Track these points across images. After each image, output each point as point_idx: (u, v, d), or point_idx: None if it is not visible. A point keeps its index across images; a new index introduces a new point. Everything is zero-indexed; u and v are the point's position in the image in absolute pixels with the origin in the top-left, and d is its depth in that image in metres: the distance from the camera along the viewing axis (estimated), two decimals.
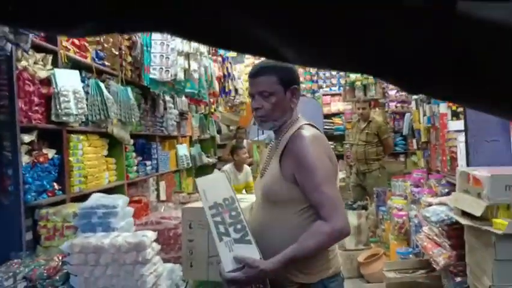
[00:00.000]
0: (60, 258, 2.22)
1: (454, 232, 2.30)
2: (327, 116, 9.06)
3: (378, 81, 7.33)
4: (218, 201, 1.38)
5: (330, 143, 9.12)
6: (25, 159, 2.47)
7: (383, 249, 3.62)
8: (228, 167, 4.66)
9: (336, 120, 9.02)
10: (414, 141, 5.08)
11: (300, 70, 7.40)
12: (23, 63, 2.53)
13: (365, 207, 4.25)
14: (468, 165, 2.40)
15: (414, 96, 4.59)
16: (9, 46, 2.04)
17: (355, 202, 4.45)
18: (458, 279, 2.30)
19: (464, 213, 2.10)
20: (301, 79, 7.60)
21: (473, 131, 2.31)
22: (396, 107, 6.72)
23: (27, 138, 2.48)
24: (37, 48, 2.68)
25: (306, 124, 1.47)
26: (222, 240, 1.29)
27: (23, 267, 2.11)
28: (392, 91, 6.71)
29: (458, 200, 2.19)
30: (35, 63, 2.65)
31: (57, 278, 2.14)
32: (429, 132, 3.82)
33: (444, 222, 2.36)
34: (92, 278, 2.10)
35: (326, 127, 9.00)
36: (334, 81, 7.61)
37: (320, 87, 7.70)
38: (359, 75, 7.26)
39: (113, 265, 2.10)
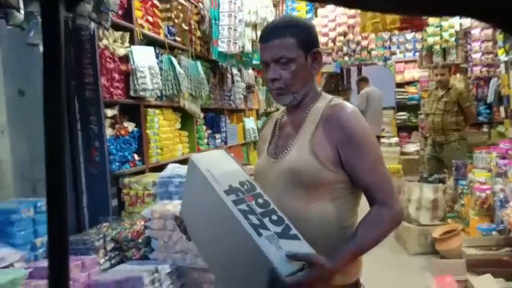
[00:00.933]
0: (142, 223, 2.41)
1: None
2: (400, 85, 8.53)
3: (460, 44, 6.70)
4: (234, 185, 1.03)
5: (403, 113, 8.71)
6: (109, 132, 2.67)
7: (462, 225, 3.40)
8: None
9: (410, 88, 8.46)
10: (501, 109, 4.59)
11: (371, 36, 6.97)
12: (104, 41, 2.70)
13: (442, 181, 3.99)
14: None
15: (505, 58, 4.10)
16: (92, 25, 2.18)
17: (431, 175, 4.19)
18: None
19: None
20: (372, 45, 7.22)
21: None
22: (481, 72, 6.09)
23: (110, 112, 2.68)
24: (115, 27, 2.83)
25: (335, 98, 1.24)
26: (261, 235, 0.93)
27: (111, 230, 2.34)
28: (477, 54, 6.07)
29: None
30: (114, 41, 2.81)
31: (140, 240, 2.34)
32: None
33: None
34: (171, 242, 2.26)
35: (398, 96, 8.51)
36: (409, 46, 7.06)
37: (393, 53, 7.20)
38: (437, 39, 6.69)
39: None
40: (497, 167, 3.15)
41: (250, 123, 5.69)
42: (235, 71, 5.01)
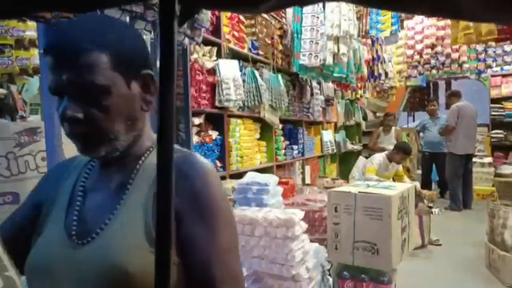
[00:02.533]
0: None
1: None
2: (496, 100, 7.77)
3: None
4: None
5: (499, 131, 7.94)
6: (195, 139, 2.87)
7: None
8: (380, 157, 4.64)
9: (508, 104, 7.66)
10: None
11: (463, 48, 6.50)
12: (194, 55, 2.92)
13: None
14: None
15: None
16: (186, 41, 2.38)
17: None
18: None
19: None
20: (464, 58, 6.72)
21: None
22: None
23: (196, 121, 2.87)
24: (204, 42, 3.05)
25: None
26: None
27: None
28: None
29: None
30: (203, 55, 3.03)
31: None
32: None
33: None
34: (248, 246, 2.33)
35: (493, 113, 7.76)
36: (508, 58, 6.43)
37: (489, 66, 6.61)
38: None
39: (266, 237, 2.29)
40: None
41: (328, 136, 5.64)
42: (314, 83, 5.03)
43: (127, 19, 2.06)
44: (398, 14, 4.12)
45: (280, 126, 4.19)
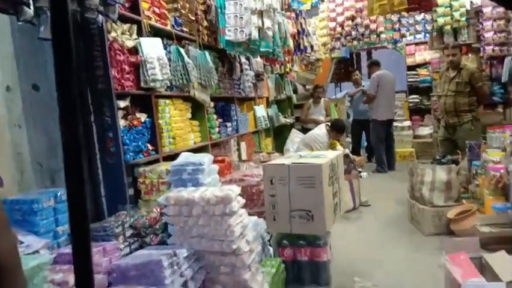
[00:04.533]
0: (158, 210, 2.48)
1: None
2: (411, 68, 8.41)
3: (471, 23, 6.55)
4: None
5: (415, 96, 8.64)
6: (122, 123, 2.73)
7: (476, 206, 3.39)
8: (325, 136, 4.78)
9: (422, 71, 8.34)
10: None
11: (380, 19, 6.88)
12: (113, 34, 2.74)
13: (455, 162, 3.96)
14: None
15: None
16: (100, 18, 2.22)
17: (444, 157, 4.17)
18: None
19: None
20: (381, 28, 7.12)
21: None
22: (493, 50, 5.96)
23: (122, 104, 2.73)
24: (123, 19, 2.87)
25: None
26: None
27: (129, 218, 2.40)
28: (489, 33, 5.94)
29: None
30: (122, 33, 2.86)
31: (157, 226, 2.40)
32: None
33: None
34: (187, 227, 2.31)
35: (409, 79, 8.40)
36: (419, 27, 6.93)
37: (403, 35, 7.08)
38: (447, 19, 6.55)
39: (204, 216, 2.29)
40: (511, 145, 3.12)
41: (261, 111, 5.71)
42: (243, 59, 5.01)
43: None
44: None
45: (212, 104, 4.14)
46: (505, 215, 2.69)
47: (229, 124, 4.62)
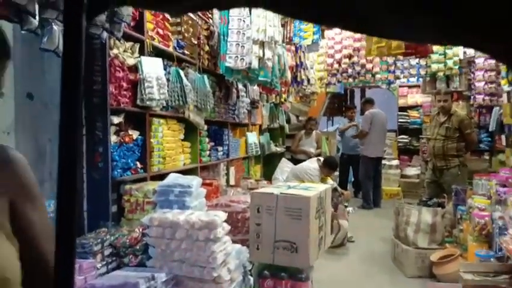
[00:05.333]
0: (141, 230, 2.43)
1: None
2: (403, 109, 8.61)
3: (463, 72, 6.78)
4: None
5: (405, 136, 8.78)
6: (113, 138, 2.72)
7: (460, 251, 3.39)
8: (317, 171, 4.78)
9: (413, 113, 8.53)
10: (503, 137, 4.63)
11: (376, 60, 7.09)
12: (114, 51, 2.77)
13: (441, 205, 4.00)
14: None
15: (508, 88, 4.17)
16: (104, 34, 2.25)
17: (430, 199, 4.20)
18: None
19: None
20: (376, 69, 7.32)
21: None
22: (483, 100, 6.14)
23: (116, 120, 2.73)
24: (126, 37, 2.91)
25: None
26: None
27: (109, 236, 2.35)
28: (480, 83, 6.14)
29: None
30: (124, 51, 2.89)
31: (138, 247, 2.35)
32: None
33: None
34: (168, 250, 2.27)
35: (400, 120, 8.57)
36: (413, 71, 7.16)
37: (397, 77, 7.29)
38: (441, 66, 6.77)
39: (187, 240, 2.25)
40: (497, 194, 3.17)
41: (253, 137, 5.74)
42: (240, 86, 5.08)
43: (36, 7, 1.89)
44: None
45: (206, 127, 4.16)
46: (488, 263, 2.69)
47: (220, 148, 4.63)
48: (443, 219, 3.78)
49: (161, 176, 2.93)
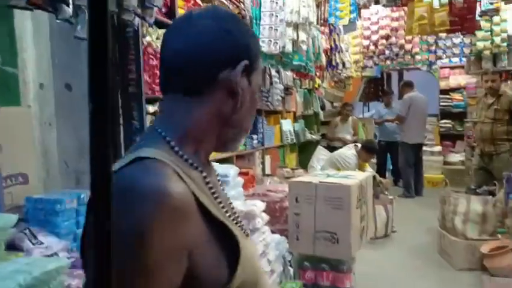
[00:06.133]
0: None
1: None
2: (445, 91, 8.15)
3: (511, 49, 6.29)
4: None
5: (447, 121, 8.33)
6: None
7: None
8: (354, 157, 4.61)
9: (455, 95, 8.06)
10: None
11: (416, 40, 6.72)
12: (147, 38, 2.72)
13: (491, 193, 3.74)
14: None
15: None
16: (136, 20, 2.19)
17: (479, 187, 3.94)
18: None
19: None
20: (416, 49, 6.94)
21: None
22: None
23: (151, 108, 2.69)
24: (158, 25, 2.85)
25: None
26: None
27: None
28: None
29: None
30: (157, 38, 2.84)
31: None
32: None
33: None
34: None
35: (442, 103, 8.13)
36: (456, 50, 6.73)
37: (439, 58, 6.88)
38: (487, 43, 6.31)
39: None
40: None
41: (287, 125, 5.62)
42: (273, 72, 4.95)
43: None
44: (356, 1, 4.11)
45: None
46: None
47: (255, 136, 4.55)
48: (495, 208, 3.53)
49: None
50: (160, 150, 0.63)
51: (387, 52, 7.21)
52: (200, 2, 3.44)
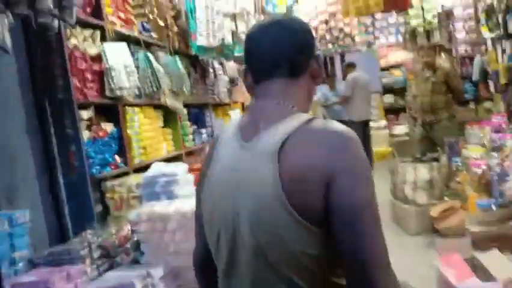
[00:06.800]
0: (129, 227, 2.29)
1: None
2: (385, 69, 8.49)
3: (442, 25, 6.64)
4: None
5: (390, 95, 8.67)
6: (86, 134, 2.54)
7: (459, 203, 3.35)
8: None
9: (395, 71, 8.43)
10: (490, 84, 4.57)
11: (354, 22, 6.90)
12: (73, 41, 2.55)
13: (436, 160, 3.94)
14: None
15: (490, 35, 4.06)
16: (56, 22, 2.04)
17: (424, 155, 4.14)
18: None
19: None
20: (355, 32, 7.14)
21: None
22: (465, 51, 6.06)
23: (85, 114, 2.54)
24: (84, 25, 2.68)
25: None
26: None
27: (96, 237, 2.20)
28: (460, 34, 6.04)
29: None
30: (84, 40, 2.67)
31: (129, 245, 2.21)
32: (510, 72, 3.37)
33: None
34: (162, 244, 2.14)
35: (383, 80, 8.47)
36: (392, 30, 7.03)
37: (377, 38, 7.16)
38: (419, 21, 6.62)
39: (181, 231, 2.12)
40: (492, 141, 3.10)
41: (236, 116, 5.58)
42: (216, 64, 4.88)
43: None
44: None
45: (185, 111, 3.98)
46: (491, 212, 2.64)
47: (204, 130, 4.47)
48: (440, 174, 3.72)
49: (145, 168, 2.77)
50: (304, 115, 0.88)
51: (328, 37, 7.34)
52: (130, 1, 3.29)
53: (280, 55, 0.90)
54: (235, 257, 0.84)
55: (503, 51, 3.40)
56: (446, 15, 6.52)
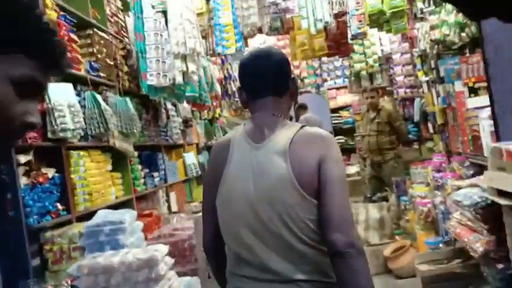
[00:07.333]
0: (69, 282, 2.08)
1: (490, 215, 2.09)
2: (334, 110, 8.87)
3: (383, 68, 7.14)
4: None
5: (340, 137, 9.01)
6: (23, 181, 2.33)
7: (409, 241, 3.43)
8: None
9: (344, 113, 8.83)
10: (429, 125, 4.88)
11: (303, 65, 7.23)
12: None
13: (385, 199, 4.06)
14: (498, 140, 2.20)
15: (425, 78, 4.40)
16: None
17: (374, 194, 4.26)
18: (500, 265, 2.10)
19: (501, 193, 1.91)
20: (304, 74, 7.46)
21: (502, 102, 2.12)
22: (405, 93, 6.50)
23: (23, 158, 2.34)
24: None
25: None
26: None
27: None
28: (400, 77, 6.50)
29: (493, 179, 1.99)
30: None
31: None
32: (445, 114, 3.62)
33: (479, 205, 2.16)
34: None
35: (334, 121, 8.81)
36: (338, 73, 7.44)
37: (325, 80, 7.53)
38: (362, 65, 7.06)
39: (125, 285, 1.95)
40: (434, 180, 3.25)
41: (191, 158, 5.47)
42: (169, 105, 4.82)
43: None
44: (240, 31, 4.25)
45: (136, 153, 3.82)
46: (440, 251, 2.71)
47: (156, 174, 4.30)
48: (389, 212, 3.82)
49: (90, 215, 2.57)
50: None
51: None
52: (76, 38, 3.19)
53: (270, 80, 1.25)
54: (255, 229, 1.15)
55: (438, 93, 3.67)
56: (386, 60, 7.02)
